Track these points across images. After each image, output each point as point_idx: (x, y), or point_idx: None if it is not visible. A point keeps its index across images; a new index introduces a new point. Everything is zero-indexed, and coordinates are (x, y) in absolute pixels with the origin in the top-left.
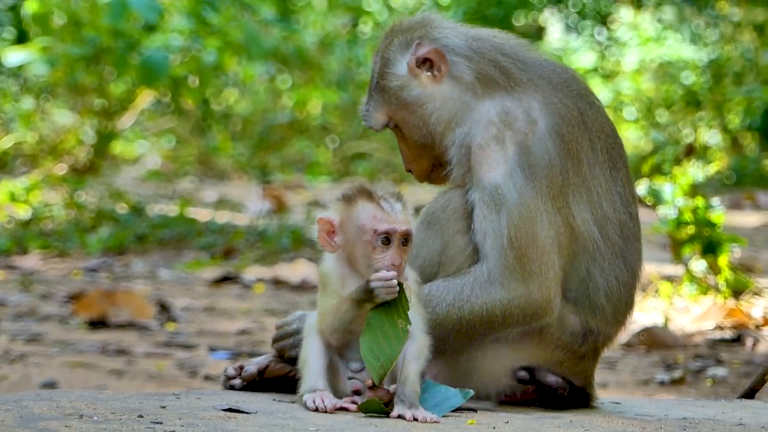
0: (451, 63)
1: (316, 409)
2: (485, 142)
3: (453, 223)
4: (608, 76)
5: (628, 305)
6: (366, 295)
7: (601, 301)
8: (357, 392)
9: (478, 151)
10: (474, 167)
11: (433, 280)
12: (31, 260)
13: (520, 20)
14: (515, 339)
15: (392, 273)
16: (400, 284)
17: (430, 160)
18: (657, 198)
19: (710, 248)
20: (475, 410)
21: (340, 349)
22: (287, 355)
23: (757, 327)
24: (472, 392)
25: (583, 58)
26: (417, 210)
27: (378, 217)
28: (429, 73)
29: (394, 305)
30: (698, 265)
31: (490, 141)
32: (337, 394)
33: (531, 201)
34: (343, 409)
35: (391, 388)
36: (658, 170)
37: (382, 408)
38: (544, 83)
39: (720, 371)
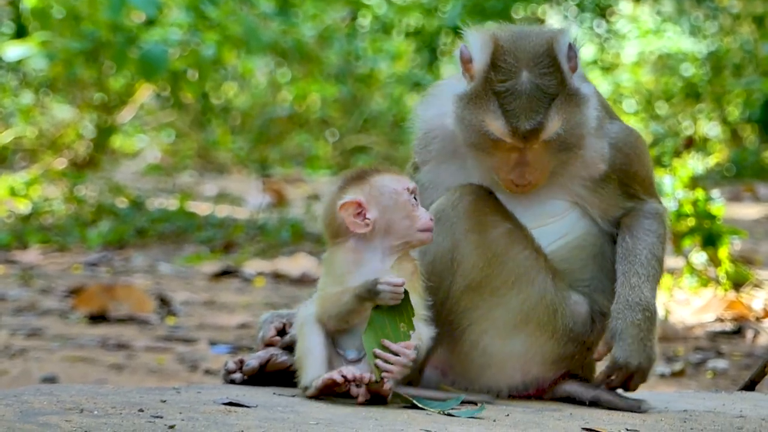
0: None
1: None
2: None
3: (463, 221)
4: (608, 69)
5: None
6: (370, 294)
7: (606, 283)
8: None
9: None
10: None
11: (444, 277)
12: (31, 255)
13: (519, 13)
14: (530, 333)
15: (401, 280)
16: (406, 292)
17: (553, 166)
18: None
19: (710, 240)
20: (475, 403)
21: (336, 335)
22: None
23: (758, 319)
24: (463, 396)
25: (582, 50)
26: None
27: (400, 179)
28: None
29: (398, 309)
30: (698, 257)
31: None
32: None
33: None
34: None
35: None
36: (658, 162)
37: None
38: None
39: (720, 363)
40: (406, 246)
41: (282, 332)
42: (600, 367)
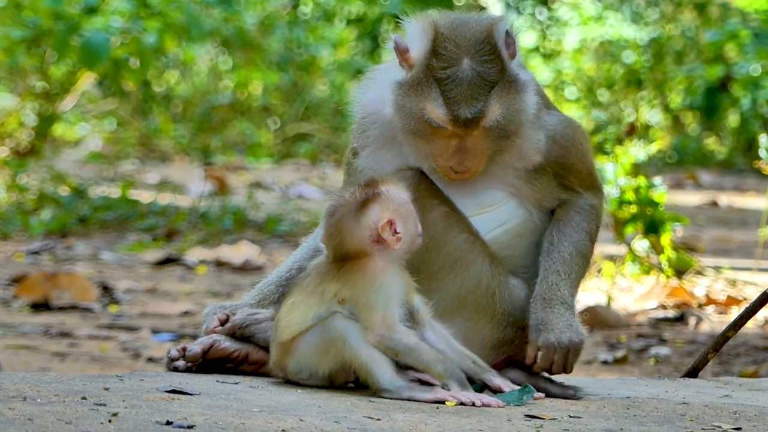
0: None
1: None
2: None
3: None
4: (549, 56)
5: None
6: (460, 384)
7: None
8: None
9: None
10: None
11: None
12: None
13: (460, 0)
14: (468, 317)
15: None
16: None
17: (490, 153)
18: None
19: (652, 227)
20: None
21: None
22: (239, 333)
23: (700, 306)
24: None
25: (524, 37)
26: None
27: (401, 188)
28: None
29: None
30: (641, 244)
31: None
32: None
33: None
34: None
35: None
36: (600, 150)
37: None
38: None
39: (663, 350)
40: (408, 253)
41: (225, 323)
42: None
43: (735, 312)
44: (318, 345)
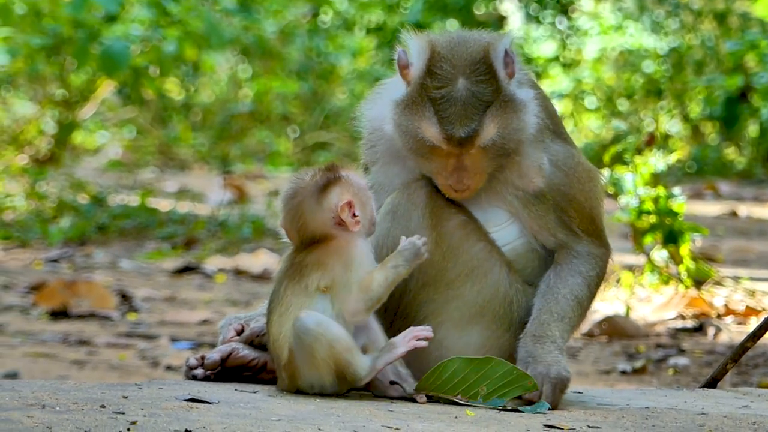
0: (517, 70)
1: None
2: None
3: (419, 214)
4: (569, 65)
5: None
6: (419, 253)
7: None
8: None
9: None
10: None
11: None
12: None
13: (481, 9)
14: (486, 325)
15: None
16: None
17: (489, 172)
18: (618, 187)
19: (672, 238)
20: (438, 399)
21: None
22: (257, 342)
23: (719, 316)
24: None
25: (544, 47)
26: None
27: (360, 174)
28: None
29: None
30: (660, 254)
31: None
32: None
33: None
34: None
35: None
36: (619, 159)
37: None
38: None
39: (682, 360)
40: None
41: (241, 334)
42: None
43: (754, 322)
44: (308, 353)
